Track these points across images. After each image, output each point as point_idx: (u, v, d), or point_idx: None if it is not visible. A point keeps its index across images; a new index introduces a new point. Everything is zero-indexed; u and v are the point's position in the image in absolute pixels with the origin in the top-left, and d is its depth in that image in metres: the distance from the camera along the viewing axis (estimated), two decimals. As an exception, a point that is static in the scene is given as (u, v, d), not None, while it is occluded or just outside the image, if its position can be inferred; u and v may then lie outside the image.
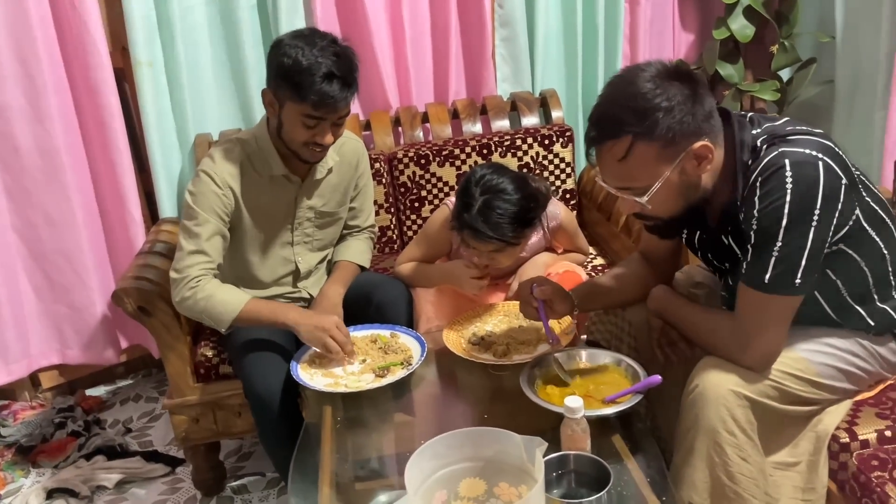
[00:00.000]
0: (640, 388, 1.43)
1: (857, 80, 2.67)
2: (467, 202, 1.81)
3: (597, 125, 1.33)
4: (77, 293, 2.48)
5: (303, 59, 1.63)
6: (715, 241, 1.49)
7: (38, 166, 2.33)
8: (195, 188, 1.78)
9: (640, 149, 1.28)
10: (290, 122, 1.71)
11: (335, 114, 1.70)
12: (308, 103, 1.65)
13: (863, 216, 1.36)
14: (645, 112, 1.26)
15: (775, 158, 1.29)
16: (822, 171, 1.27)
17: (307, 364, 1.72)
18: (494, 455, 1.05)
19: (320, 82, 1.63)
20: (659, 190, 1.32)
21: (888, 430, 1.44)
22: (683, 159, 1.31)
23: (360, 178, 2.01)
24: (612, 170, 1.34)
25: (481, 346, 1.73)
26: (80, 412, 2.54)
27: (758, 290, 1.32)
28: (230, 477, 2.23)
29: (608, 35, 2.76)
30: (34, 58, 2.23)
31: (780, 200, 1.27)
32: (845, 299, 1.44)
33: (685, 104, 1.27)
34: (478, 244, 1.83)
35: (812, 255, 1.29)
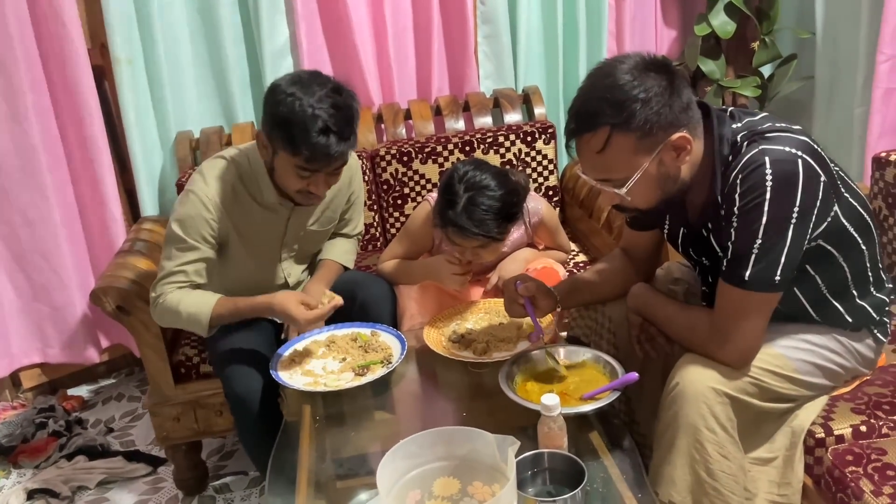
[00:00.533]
0: (618, 385, 1.43)
1: (837, 76, 2.68)
2: (451, 199, 1.81)
3: (576, 117, 1.33)
4: (57, 292, 2.46)
5: (298, 110, 1.54)
6: (695, 236, 1.50)
7: (16, 166, 2.31)
8: (183, 210, 1.70)
9: (617, 140, 1.29)
10: (283, 169, 1.65)
11: (330, 167, 1.63)
12: (301, 157, 1.57)
13: (842, 213, 1.37)
14: (622, 103, 1.27)
15: (756, 156, 1.29)
16: (801, 169, 1.28)
17: (286, 363, 1.71)
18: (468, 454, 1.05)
19: (315, 137, 1.54)
20: (638, 181, 1.33)
21: (863, 425, 1.45)
22: (661, 151, 1.31)
23: (352, 193, 1.97)
24: (591, 162, 1.35)
25: (461, 344, 1.73)
26: (61, 412, 2.52)
27: (737, 287, 1.33)
28: (212, 476, 2.23)
29: (591, 32, 2.77)
30: (10, 56, 2.21)
31: (761, 198, 1.28)
32: (824, 295, 1.44)
33: (662, 95, 1.28)
34: (462, 241, 1.83)
35: (791, 253, 1.30)
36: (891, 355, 1.65)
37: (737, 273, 1.32)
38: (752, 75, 2.80)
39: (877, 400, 1.49)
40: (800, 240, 1.31)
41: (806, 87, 2.78)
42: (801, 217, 1.29)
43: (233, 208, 1.74)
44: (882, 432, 1.45)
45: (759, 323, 1.36)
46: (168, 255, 1.72)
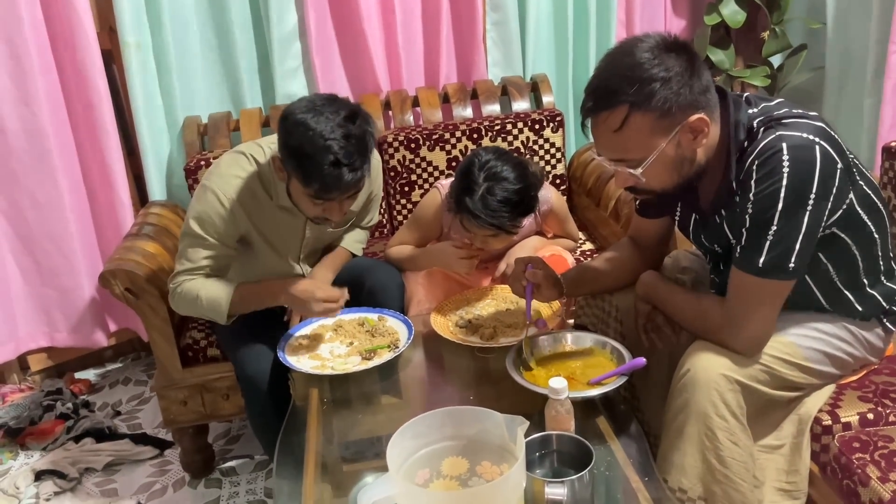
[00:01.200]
0: (625, 370, 1.43)
1: (847, 66, 2.67)
2: (469, 186, 1.80)
3: (593, 95, 1.31)
4: (65, 276, 2.47)
5: (308, 146, 1.51)
6: (707, 223, 1.49)
7: (25, 149, 2.32)
8: (200, 207, 1.68)
9: (635, 119, 1.27)
10: (298, 196, 1.65)
11: (342, 196, 1.61)
12: (313, 188, 1.56)
13: (856, 200, 1.36)
14: (642, 82, 1.25)
15: (773, 142, 1.28)
16: (818, 156, 1.26)
17: (294, 346, 1.72)
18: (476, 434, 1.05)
19: (326, 169, 1.51)
20: (654, 163, 1.31)
21: (870, 413, 1.45)
22: (679, 132, 1.29)
23: (371, 192, 1.95)
24: (607, 141, 1.33)
25: (468, 329, 1.74)
26: (68, 395, 2.54)
27: (751, 273, 1.32)
28: (218, 459, 2.24)
29: (600, 20, 2.75)
30: (20, 39, 2.21)
31: (777, 184, 1.26)
32: (835, 284, 1.44)
33: (682, 76, 1.26)
34: (475, 229, 1.83)
35: (806, 240, 1.29)
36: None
37: (751, 260, 1.31)
38: (761, 65, 2.79)
39: (884, 388, 1.49)
40: (815, 227, 1.30)
41: (816, 78, 2.77)
42: (817, 204, 1.28)
43: (251, 207, 1.72)
44: (889, 420, 1.45)
45: (772, 311, 1.36)
46: (185, 252, 1.72)
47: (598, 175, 2.43)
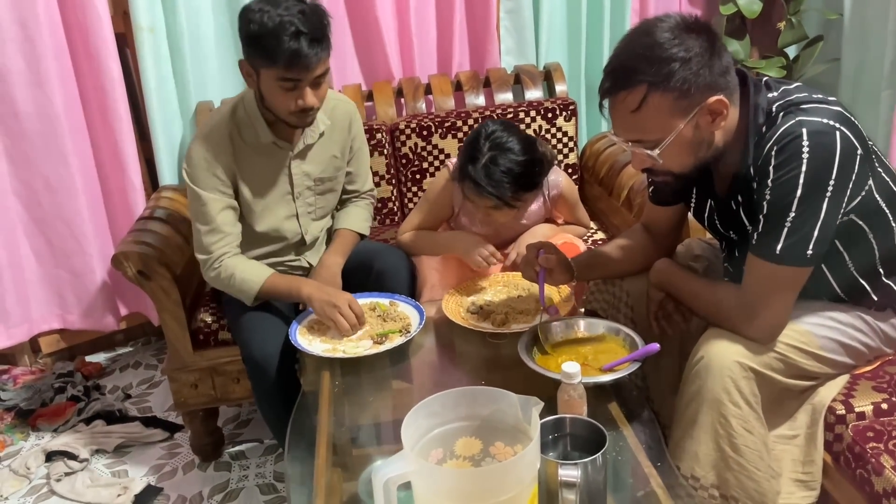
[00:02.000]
0: (638, 356, 1.43)
1: (864, 58, 2.64)
2: (473, 155, 1.81)
3: (612, 75, 1.29)
4: (77, 259, 2.48)
5: (268, 22, 1.58)
6: (724, 209, 1.48)
7: (38, 131, 2.32)
8: (190, 168, 1.77)
9: (654, 99, 1.26)
10: (269, 89, 1.68)
11: (309, 72, 1.64)
12: (280, 66, 1.61)
13: (875, 187, 1.35)
14: (661, 62, 1.24)
15: (793, 127, 1.26)
16: (839, 141, 1.25)
17: (306, 329, 1.72)
18: (490, 414, 1.05)
19: (288, 41, 1.58)
20: (671, 144, 1.29)
21: (884, 403, 1.44)
22: (698, 114, 1.28)
23: (353, 140, 1.98)
24: (625, 121, 1.31)
25: (480, 315, 1.73)
26: (79, 378, 2.55)
27: (768, 260, 1.31)
28: (228, 443, 2.25)
29: (615, 9, 2.74)
30: (34, 21, 2.21)
31: (797, 170, 1.25)
32: (851, 273, 1.43)
33: (702, 57, 1.25)
34: (476, 198, 1.84)
35: (825, 227, 1.27)
36: (914, 336, 1.64)
37: (768, 246, 1.30)
38: (777, 56, 2.77)
39: (899, 379, 1.49)
40: (834, 214, 1.28)
41: (832, 69, 2.74)
42: (837, 191, 1.26)
43: (233, 155, 1.79)
44: (903, 411, 1.44)
45: (788, 298, 1.34)
46: (196, 214, 1.79)
47: (611, 164, 2.42)
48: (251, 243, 1.89)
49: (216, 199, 1.77)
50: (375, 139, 2.42)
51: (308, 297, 1.73)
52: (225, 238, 1.79)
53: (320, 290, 1.74)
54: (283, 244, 1.93)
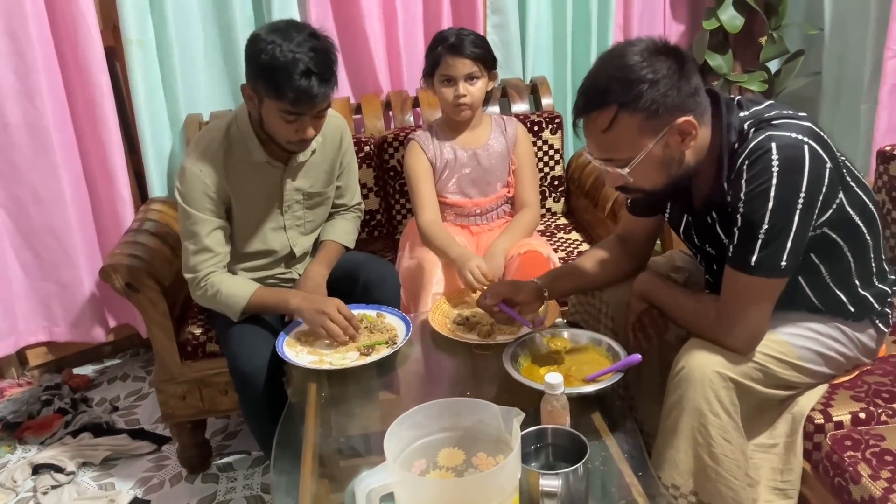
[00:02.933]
0: (621, 366, 1.45)
1: (843, 72, 2.69)
2: (441, 38, 2.06)
3: (584, 95, 1.34)
4: (65, 271, 2.48)
5: (279, 56, 1.60)
6: (700, 224, 1.51)
7: (27, 143, 2.33)
8: (182, 187, 1.77)
9: (624, 119, 1.30)
10: (270, 117, 1.70)
11: (314, 109, 1.68)
12: (286, 101, 1.63)
13: (847, 202, 1.38)
14: (630, 83, 1.28)
15: (762, 142, 1.31)
16: (807, 155, 1.29)
17: (293, 341, 1.73)
18: (473, 425, 1.07)
19: (298, 79, 1.60)
20: (641, 162, 1.34)
21: (862, 412, 1.46)
22: (667, 134, 1.32)
23: (344, 155, 2.01)
24: (596, 140, 1.36)
25: (466, 327, 1.75)
26: (67, 390, 2.55)
27: (743, 272, 1.34)
28: (216, 455, 2.25)
29: (600, 24, 2.77)
30: (24, 34, 2.23)
31: (767, 183, 1.29)
32: (828, 285, 1.46)
33: (671, 78, 1.29)
34: (455, 62, 2.03)
35: (797, 238, 1.31)
36: (891, 346, 1.67)
37: (743, 258, 1.33)
38: (759, 70, 2.82)
39: (876, 388, 1.51)
40: (805, 225, 1.32)
41: (813, 83, 2.79)
42: (807, 203, 1.30)
43: (226, 174, 1.80)
44: (881, 419, 1.46)
45: (765, 308, 1.37)
46: (186, 233, 1.80)
47: (596, 177, 2.45)
48: (241, 257, 1.90)
49: (207, 219, 1.78)
50: (364, 152, 2.44)
51: (297, 308, 1.75)
52: (214, 257, 1.80)
53: (308, 300, 1.75)
54: (272, 258, 1.95)
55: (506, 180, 2.24)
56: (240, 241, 1.89)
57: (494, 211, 2.26)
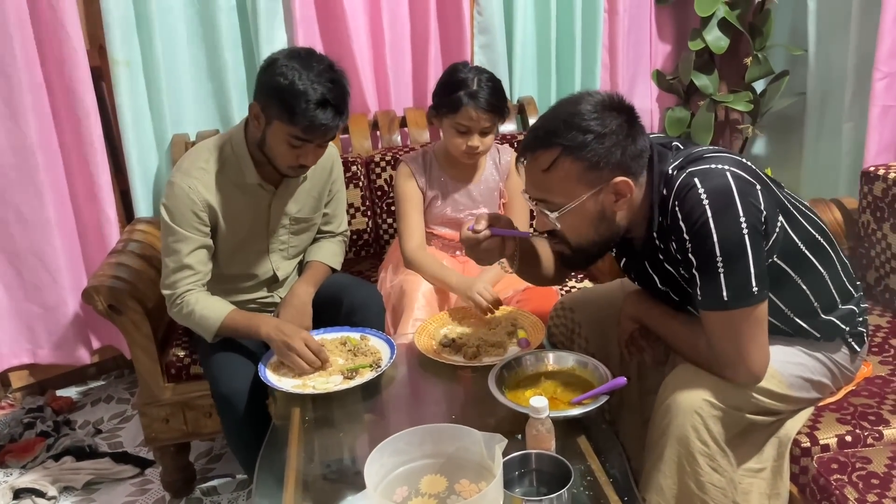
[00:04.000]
0: (606, 389, 1.44)
1: (827, 92, 2.72)
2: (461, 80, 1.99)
3: (532, 133, 1.37)
4: (49, 292, 2.46)
5: (299, 83, 1.61)
6: (640, 270, 1.52)
7: (11, 164, 2.31)
8: (170, 203, 1.76)
9: (565, 164, 1.32)
10: (275, 140, 1.70)
11: (324, 139, 1.70)
12: (298, 127, 1.64)
13: (791, 229, 1.39)
14: (578, 129, 1.31)
15: (686, 179, 1.33)
16: (731, 180, 1.30)
17: (276, 365, 1.72)
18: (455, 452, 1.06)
19: (314, 109, 1.62)
20: (572, 211, 1.35)
21: (848, 435, 1.46)
22: (603, 189, 1.34)
23: (333, 183, 2.01)
24: (534, 179, 1.37)
25: (452, 348, 1.74)
26: (49, 412, 2.52)
27: (721, 310, 1.32)
28: (200, 478, 2.22)
29: (586, 44, 2.79)
30: (9, 55, 2.22)
31: (703, 217, 1.29)
32: (789, 316, 1.46)
33: (618, 135, 1.32)
34: (477, 115, 1.97)
35: (757, 261, 1.30)
36: (878, 366, 1.67)
37: (715, 297, 1.32)
38: (744, 90, 2.84)
39: (862, 411, 1.51)
40: (759, 247, 1.31)
41: (797, 103, 2.81)
42: (751, 224, 1.29)
43: (215, 194, 1.79)
44: (867, 442, 1.46)
45: (759, 336, 1.35)
46: (167, 250, 1.78)
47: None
48: (223, 279, 1.88)
49: (192, 237, 1.76)
50: (351, 171, 2.44)
51: (266, 336, 1.72)
52: (193, 276, 1.78)
53: (278, 330, 1.72)
54: (254, 281, 1.93)
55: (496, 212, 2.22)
56: (223, 262, 1.87)
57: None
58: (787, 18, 2.87)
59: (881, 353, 1.72)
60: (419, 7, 2.62)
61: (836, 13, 2.60)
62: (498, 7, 2.65)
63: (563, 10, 2.74)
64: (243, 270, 1.90)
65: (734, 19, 2.70)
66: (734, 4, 2.75)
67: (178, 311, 1.79)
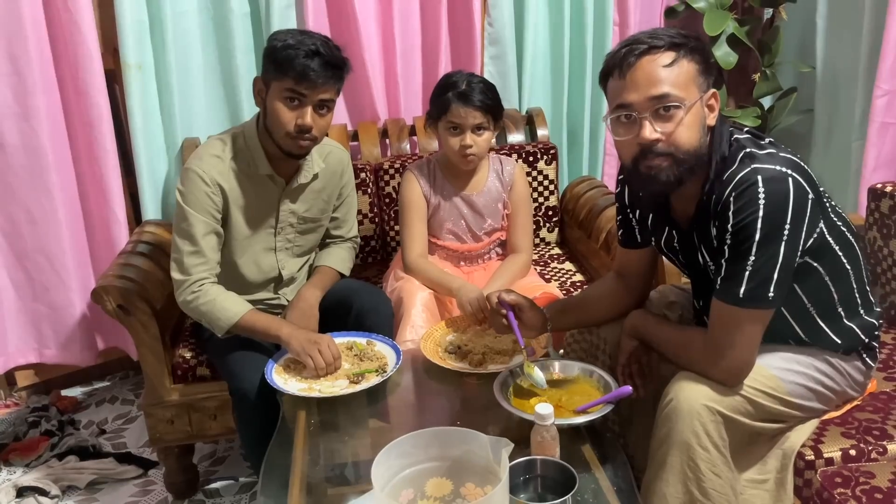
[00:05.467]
0: (612, 398, 1.44)
1: (835, 109, 2.73)
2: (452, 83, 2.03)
3: (642, 42, 1.35)
4: (57, 292, 2.47)
5: (291, 40, 1.70)
6: (685, 241, 1.52)
7: (23, 164, 2.33)
8: (184, 187, 1.79)
9: (684, 62, 1.35)
10: (274, 103, 1.74)
11: (315, 91, 1.71)
12: (290, 77, 1.69)
13: (827, 230, 1.40)
14: (688, 37, 1.37)
15: (748, 174, 1.32)
16: (791, 187, 1.31)
17: (282, 368, 1.73)
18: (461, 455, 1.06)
19: (303, 57, 1.67)
20: (691, 111, 1.35)
21: (853, 449, 1.46)
22: (703, 98, 1.37)
23: (343, 187, 2.03)
24: (655, 76, 1.34)
25: (458, 355, 1.75)
26: (54, 412, 2.53)
27: (732, 304, 1.35)
28: (203, 481, 2.22)
29: (596, 57, 2.81)
30: (24, 56, 2.24)
31: (754, 216, 1.30)
32: (812, 316, 1.46)
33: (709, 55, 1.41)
34: (466, 112, 2.00)
35: (784, 269, 1.32)
36: (882, 382, 1.67)
37: (731, 290, 1.34)
38: (752, 106, 2.85)
39: (867, 425, 1.51)
40: (791, 256, 1.33)
41: (805, 120, 2.83)
42: (792, 234, 1.31)
43: (227, 181, 1.82)
44: (871, 457, 1.46)
45: (753, 340, 1.37)
46: (181, 233, 1.80)
47: (590, 208, 2.47)
48: (229, 279, 1.90)
49: (205, 221, 1.79)
50: (359, 178, 2.45)
51: (287, 336, 1.73)
52: (207, 262, 1.80)
53: (299, 331, 1.75)
54: (260, 279, 1.95)
55: (500, 224, 2.23)
56: (230, 256, 1.89)
57: (487, 254, 2.26)
58: (796, 35, 2.89)
59: (886, 369, 1.72)
60: (431, 17, 2.64)
61: (845, 31, 2.62)
62: (509, 19, 2.68)
63: (573, 23, 2.76)
64: (249, 267, 1.92)
65: (743, 35, 2.72)
66: (743, 21, 2.77)
67: (195, 298, 1.79)
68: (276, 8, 2.45)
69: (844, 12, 2.63)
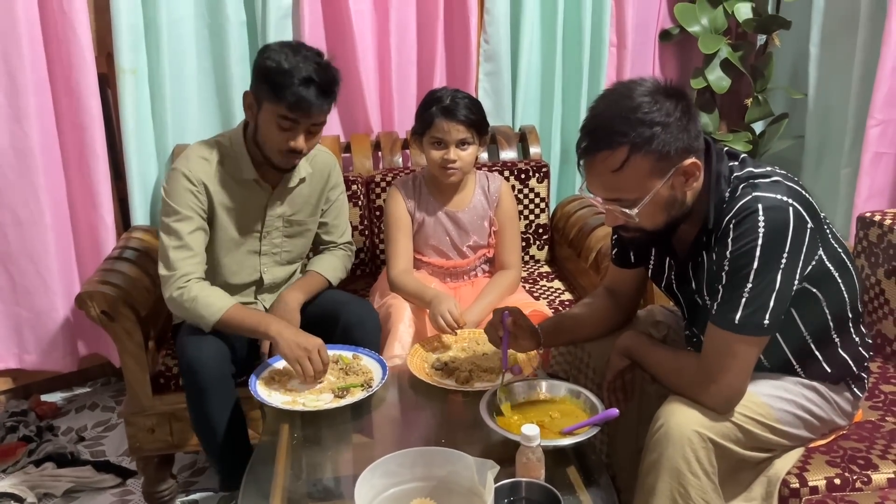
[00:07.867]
0: (598, 420, 1.44)
1: (826, 136, 2.75)
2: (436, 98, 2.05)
3: (592, 135, 1.33)
4: (40, 297, 2.44)
5: (285, 63, 1.69)
6: (682, 271, 1.52)
7: (11, 165, 2.31)
8: (170, 186, 1.81)
9: (635, 161, 1.30)
10: (266, 123, 1.74)
11: (309, 119, 1.73)
12: (284, 104, 1.69)
13: (827, 258, 1.40)
14: (643, 124, 1.28)
15: (749, 202, 1.32)
16: (791, 217, 1.31)
17: (267, 380, 1.71)
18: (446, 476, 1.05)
19: (298, 85, 1.67)
20: (648, 203, 1.34)
21: (837, 478, 1.46)
22: (673, 175, 1.33)
23: (331, 190, 2.02)
24: (604, 180, 1.35)
25: (444, 372, 1.74)
26: (33, 417, 2.49)
27: (727, 330, 1.34)
28: (182, 491, 2.19)
29: (592, 76, 2.82)
30: (17, 56, 2.22)
31: (753, 243, 1.30)
32: (804, 339, 1.46)
33: (680, 120, 1.31)
34: (450, 126, 2.01)
35: (780, 297, 1.32)
36: (868, 411, 1.67)
37: (727, 316, 1.34)
38: (744, 131, 2.87)
39: (852, 454, 1.51)
40: (788, 284, 1.33)
41: (796, 146, 2.85)
42: (790, 262, 1.32)
43: (213, 183, 1.83)
44: (856, 486, 1.45)
45: (746, 367, 1.37)
46: (167, 229, 1.80)
47: (580, 226, 2.47)
48: (210, 278, 1.87)
49: (191, 217, 1.79)
50: (351, 190, 2.45)
51: (277, 334, 1.71)
52: (194, 257, 1.79)
53: (289, 329, 1.73)
54: (240, 282, 1.94)
55: (486, 241, 2.23)
56: (213, 258, 1.88)
57: (473, 270, 2.25)
58: (789, 62, 2.92)
59: (871, 398, 1.72)
60: (427, 32, 2.65)
61: (837, 59, 2.65)
62: (505, 36, 2.69)
63: (569, 43, 2.78)
64: (231, 268, 1.92)
65: (736, 60, 2.74)
66: (737, 46, 2.79)
67: (180, 294, 1.77)
68: (273, 18, 2.45)
69: (837, 41, 2.66)
